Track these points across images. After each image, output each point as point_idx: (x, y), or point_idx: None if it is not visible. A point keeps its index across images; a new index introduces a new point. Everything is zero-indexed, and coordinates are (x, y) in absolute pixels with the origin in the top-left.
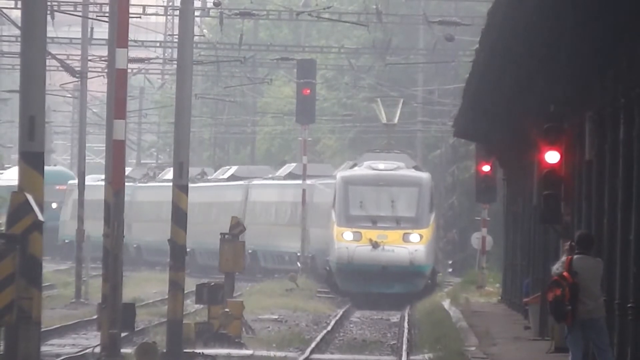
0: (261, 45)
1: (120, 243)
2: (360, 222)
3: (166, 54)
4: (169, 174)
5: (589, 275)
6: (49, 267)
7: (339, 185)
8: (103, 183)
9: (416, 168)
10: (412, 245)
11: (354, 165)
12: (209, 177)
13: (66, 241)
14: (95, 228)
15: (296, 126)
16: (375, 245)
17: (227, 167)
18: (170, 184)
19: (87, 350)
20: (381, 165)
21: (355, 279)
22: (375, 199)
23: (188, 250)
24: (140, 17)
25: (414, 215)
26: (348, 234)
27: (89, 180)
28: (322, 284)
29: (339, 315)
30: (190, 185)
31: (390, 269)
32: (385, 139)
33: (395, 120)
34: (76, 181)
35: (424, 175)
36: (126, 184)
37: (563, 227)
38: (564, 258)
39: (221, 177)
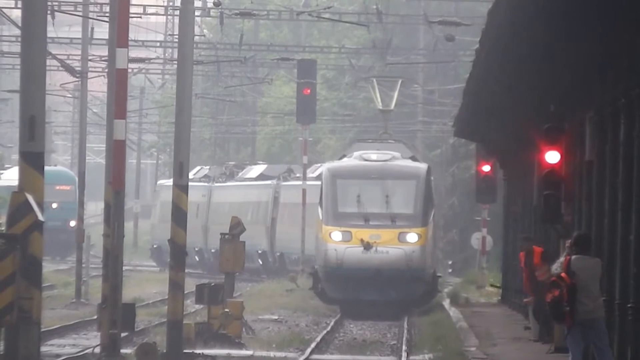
0: (261, 45)
1: (120, 243)
2: (350, 220)
3: (166, 54)
4: (251, 172)
5: (587, 276)
6: (49, 267)
7: (326, 179)
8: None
9: (413, 159)
10: (409, 245)
11: (343, 156)
12: (297, 175)
13: (154, 246)
14: (167, 231)
15: (296, 126)
16: (367, 246)
17: (318, 164)
18: (252, 182)
19: (87, 351)
20: (374, 155)
21: (345, 284)
22: (367, 193)
23: (278, 254)
24: (140, 17)
25: (411, 211)
26: (337, 234)
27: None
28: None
29: (338, 316)
30: (283, 183)
31: (384, 273)
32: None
33: (392, 106)
34: (165, 182)
35: (422, 167)
36: (202, 183)
37: (563, 227)
38: (562, 258)
39: (311, 175)
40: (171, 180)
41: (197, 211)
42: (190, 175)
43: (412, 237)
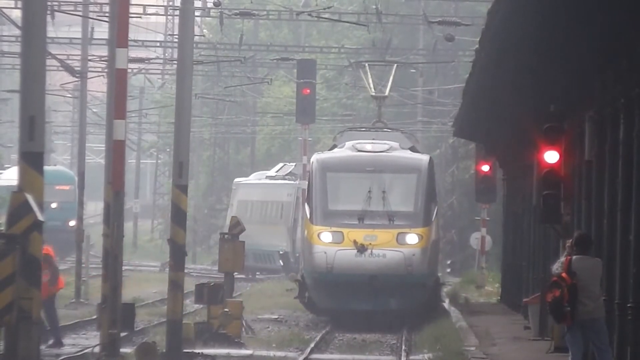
0: (261, 45)
1: (120, 243)
2: (342, 219)
3: (166, 54)
4: None
5: (588, 276)
6: None
7: (315, 172)
8: (266, 181)
9: (413, 149)
10: (409, 248)
11: (334, 146)
12: None
13: None
14: (246, 234)
15: (296, 126)
16: (361, 248)
17: None
18: None
19: (87, 350)
20: (369, 145)
21: (336, 292)
22: (361, 189)
23: None
24: (140, 17)
25: (411, 209)
26: (326, 235)
27: (253, 178)
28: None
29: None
30: None
31: (381, 279)
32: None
33: (387, 92)
34: (242, 180)
35: (424, 159)
36: (287, 182)
37: (563, 227)
38: (562, 258)
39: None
40: (249, 178)
41: (281, 211)
42: (272, 173)
43: (412, 238)
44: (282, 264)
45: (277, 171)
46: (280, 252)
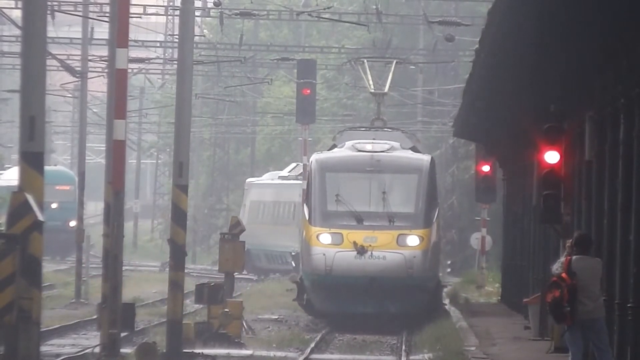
0: (261, 45)
1: (120, 243)
2: (341, 220)
3: (166, 54)
4: None
5: (588, 276)
6: (49, 267)
7: (314, 172)
8: (279, 182)
9: (414, 149)
10: (409, 250)
11: (333, 146)
12: None
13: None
14: (259, 234)
15: (296, 126)
16: (361, 250)
17: None
18: None
19: (87, 350)
20: (369, 145)
21: (335, 295)
22: (361, 189)
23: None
24: (140, 17)
25: (412, 210)
26: (325, 237)
27: (266, 178)
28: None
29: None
30: None
31: (381, 281)
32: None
33: (386, 89)
34: (254, 180)
35: (425, 159)
36: (299, 182)
37: (563, 227)
38: (563, 258)
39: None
40: (261, 177)
41: (294, 212)
42: (285, 173)
43: (412, 240)
44: (294, 264)
45: (289, 171)
46: (292, 253)
